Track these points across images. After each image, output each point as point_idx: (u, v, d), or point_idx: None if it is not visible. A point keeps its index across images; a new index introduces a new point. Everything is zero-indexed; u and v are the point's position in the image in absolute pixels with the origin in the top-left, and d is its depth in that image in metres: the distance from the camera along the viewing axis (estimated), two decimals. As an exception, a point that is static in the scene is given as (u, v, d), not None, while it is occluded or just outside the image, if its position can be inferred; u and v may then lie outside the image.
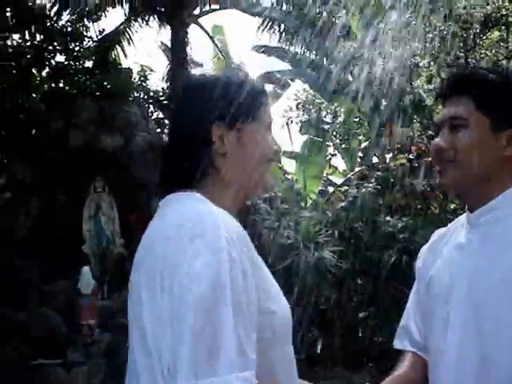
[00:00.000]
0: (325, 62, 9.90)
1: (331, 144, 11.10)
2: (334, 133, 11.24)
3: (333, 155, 11.76)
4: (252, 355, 1.26)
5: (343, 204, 6.92)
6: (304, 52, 10.50)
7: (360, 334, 6.99)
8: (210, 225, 1.32)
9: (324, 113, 11.24)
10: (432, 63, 7.56)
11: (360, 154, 10.69)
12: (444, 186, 1.72)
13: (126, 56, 11.07)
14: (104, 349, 6.30)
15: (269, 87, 12.45)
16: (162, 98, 10.13)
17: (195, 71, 11.22)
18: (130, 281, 1.45)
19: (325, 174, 10.72)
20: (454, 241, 1.73)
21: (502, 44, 6.81)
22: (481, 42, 7.01)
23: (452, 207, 7.16)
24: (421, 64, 7.73)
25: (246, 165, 1.50)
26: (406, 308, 1.93)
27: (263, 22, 10.93)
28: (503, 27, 6.31)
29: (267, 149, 1.55)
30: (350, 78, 9.92)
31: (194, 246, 1.29)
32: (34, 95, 8.34)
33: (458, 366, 1.58)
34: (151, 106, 9.94)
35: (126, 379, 1.46)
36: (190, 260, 1.28)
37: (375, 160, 9.21)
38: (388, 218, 6.70)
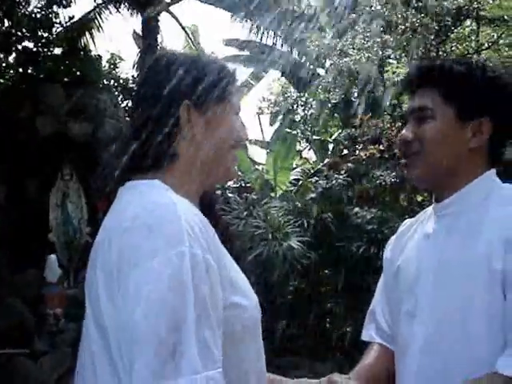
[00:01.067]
0: (297, 55, 9.89)
1: (302, 136, 11.09)
2: (305, 125, 11.23)
3: (304, 148, 11.79)
4: (218, 353, 1.21)
5: (313, 195, 6.93)
6: (275, 44, 10.48)
7: (328, 325, 7.03)
8: (169, 216, 1.25)
9: (295, 105, 11.22)
10: (403, 55, 7.59)
11: (331, 146, 10.72)
12: (411, 179, 1.72)
13: (95, 43, 10.93)
14: (70, 338, 6.23)
15: (241, 76, 12.40)
16: (131, 86, 10.02)
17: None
18: (86, 278, 1.38)
19: (295, 165, 10.72)
20: (422, 231, 1.74)
21: (472, 38, 6.86)
22: (452, 36, 7.05)
23: (419, 199, 7.22)
24: (392, 56, 7.76)
25: (213, 149, 1.44)
26: (373, 299, 1.92)
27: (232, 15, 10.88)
28: (474, 20, 6.35)
29: (235, 134, 1.49)
30: (323, 71, 9.95)
31: (151, 240, 1.22)
32: (0, 81, 8.20)
33: (422, 359, 1.59)
34: (121, 95, 9.84)
35: (78, 373, 1.40)
36: (146, 257, 1.21)
37: (346, 152, 9.24)
38: (357, 210, 6.73)
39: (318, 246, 6.67)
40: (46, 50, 8.56)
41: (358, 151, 7.65)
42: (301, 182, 8.52)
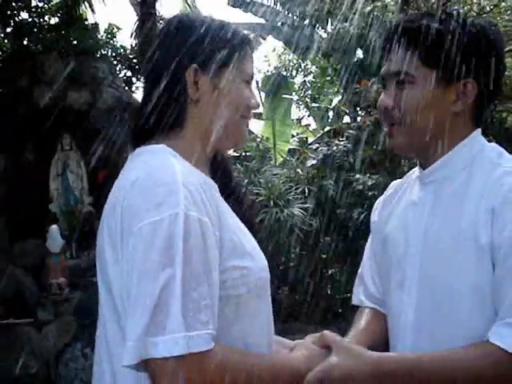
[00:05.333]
0: (298, 19, 9.77)
1: (301, 102, 11.02)
2: (305, 91, 11.16)
3: (304, 116, 11.73)
4: (209, 315, 1.23)
5: (314, 162, 6.90)
6: (276, 6, 10.30)
7: (330, 291, 7.07)
8: (166, 179, 1.26)
9: (294, 71, 11.14)
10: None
11: (331, 114, 10.67)
12: (393, 148, 1.66)
13: (93, 11, 10.80)
14: (74, 307, 6.27)
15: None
16: (130, 56, 9.92)
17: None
18: (97, 241, 1.41)
19: (295, 133, 10.69)
20: (408, 197, 1.70)
21: (474, 0, 6.75)
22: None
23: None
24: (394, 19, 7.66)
25: (220, 115, 1.43)
26: (362, 262, 1.91)
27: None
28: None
29: (244, 102, 1.48)
30: (324, 35, 9.83)
31: (147, 202, 1.24)
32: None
33: (415, 328, 1.58)
34: (119, 64, 9.75)
35: (97, 333, 1.44)
36: (142, 218, 1.23)
37: (347, 120, 9.19)
38: (358, 176, 6.72)
39: (320, 212, 6.67)
40: (41, 20, 8.48)
41: (360, 117, 7.59)
42: (301, 151, 8.49)
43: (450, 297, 1.51)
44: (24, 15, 8.43)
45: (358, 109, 7.46)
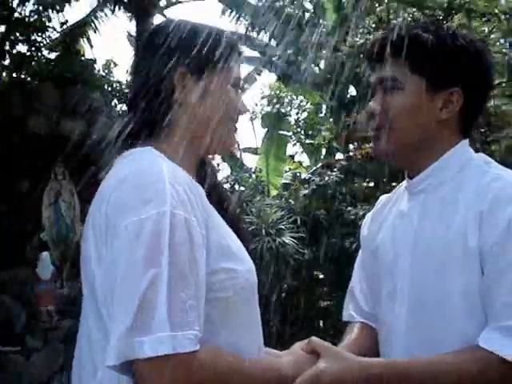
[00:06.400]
0: (292, 54, 9.89)
1: (295, 138, 11.09)
2: (299, 128, 11.24)
3: (297, 152, 11.78)
4: (194, 316, 1.21)
5: (306, 192, 6.93)
6: (270, 42, 10.43)
7: (322, 324, 7.02)
8: (153, 178, 1.26)
9: (289, 107, 11.23)
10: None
11: (324, 151, 10.71)
12: (378, 154, 1.66)
13: (91, 46, 10.93)
14: (63, 335, 6.22)
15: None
16: (126, 91, 10.01)
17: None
18: (81, 243, 1.40)
19: (288, 169, 10.73)
20: (397, 208, 1.70)
21: (464, 32, 6.86)
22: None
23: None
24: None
25: (207, 118, 1.43)
26: (352, 278, 1.89)
27: (230, 13, 10.84)
28: (465, 14, 6.36)
29: (232, 106, 1.47)
30: (317, 71, 9.95)
31: (134, 200, 1.24)
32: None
33: (408, 339, 1.57)
34: (115, 99, 9.83)
35: (78, 337, 1.42)
36: (127, 216, 1.22)
37: (339, 156, 9.23)
38: (350, 207, 6.74)
39: (312, 242, 6.66)
40: (39, 53, 8.58)
41: (352, 151, 7.65)
42: (294, 185, 8.51)
43: (441, 303, 1.50)
44: (22, 48, 8.55)
45: (350, 144, 7.53)
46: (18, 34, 8.46)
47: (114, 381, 1.26)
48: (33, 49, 8.56)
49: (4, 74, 8.53)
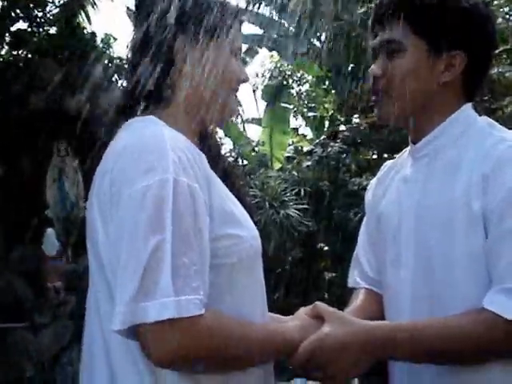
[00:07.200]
0: (293, 28, 9.80)
1: (297, 111, 11.02)
2: (301, 101, 11.16)
3: (301, 125, 11.72)
4: (199, 282, 1.22)
5: (309, 163, 6.91)
6: (272, 16, 10.33)
7: (326, 295, 7.05)
8: (155, 145, 1.27)
9: (290, 80, 11.15)
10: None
11: (327, 123, 10.64)
12: (381, 118, 1.66)
13: (90, 22, 10.84)
14: (71, 310, 6.26)
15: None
16: (126, 66, 9.95)
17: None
18: (86, 214, 1.41)
19: (292, 142, 10.68)
20: (401, 173, 1.69)
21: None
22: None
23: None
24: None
25: (207, 87, 1.42)
26: (357, 244, 1.88)
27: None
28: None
29: (232, 74, 1.47)
30: (318, 44, 9.86)
31: (136, 168, 1.24)
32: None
33: (413, 303, 1.57)
34: (115, 74, 9.79)
35: (86, 311, 1.42)
36: (131, 183, 1.23)
37: (342, 128, 9.18)
38: (354, 178, 6.73)
39: (316, 213, 6.67)
40: (40, 29, 8.53)
41: (356, 119, 7.61)
42: (297, 158, 8.49)
43: (446, 267, 1.51)
44: (22, 25, 8.50)
45: (354, 112, 7.48)
46: (18, 11, 8.43)
47: (123, 349, 1.28)
48: (34, 24, 8.52)
49: (3, 51, 8.50)
